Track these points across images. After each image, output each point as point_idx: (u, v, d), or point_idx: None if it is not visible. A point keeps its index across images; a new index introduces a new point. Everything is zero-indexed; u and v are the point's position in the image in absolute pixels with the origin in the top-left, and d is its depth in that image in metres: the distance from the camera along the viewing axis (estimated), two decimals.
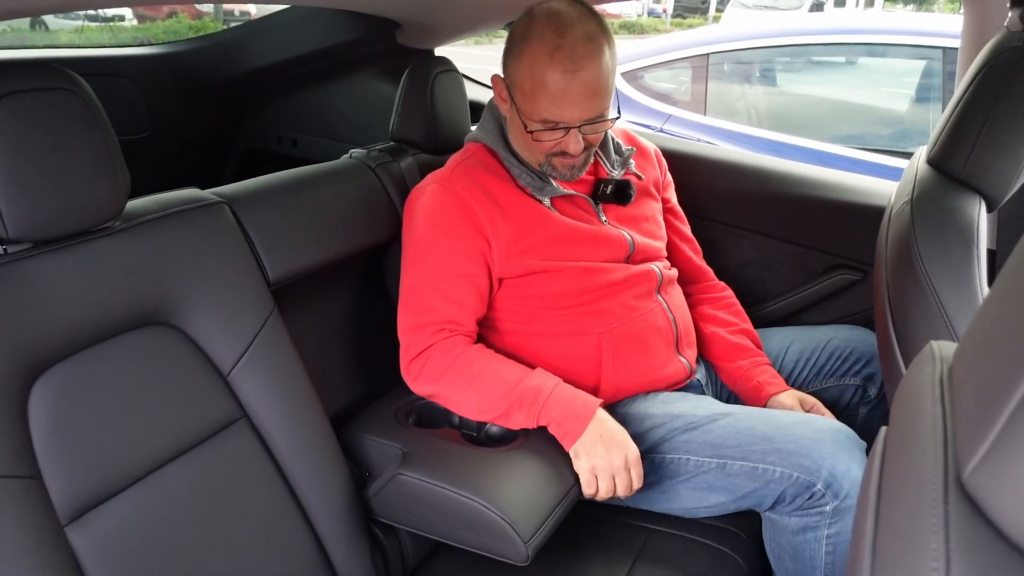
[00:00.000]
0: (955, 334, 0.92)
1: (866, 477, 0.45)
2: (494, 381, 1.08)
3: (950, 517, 0.34)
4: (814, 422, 1.06)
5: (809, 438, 1.02)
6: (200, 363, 0.95)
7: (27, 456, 0.76)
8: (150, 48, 2.13)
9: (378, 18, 1.56)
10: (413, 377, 1.14)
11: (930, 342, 0.48)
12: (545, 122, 1.11)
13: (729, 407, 1.13)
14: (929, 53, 2.80)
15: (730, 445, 1.07)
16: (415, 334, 1.14)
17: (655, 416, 1.15)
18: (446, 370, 1.11)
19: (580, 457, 1.04)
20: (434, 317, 1.13)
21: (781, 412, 1.11)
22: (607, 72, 1.09)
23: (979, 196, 1.05)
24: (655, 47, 3.27)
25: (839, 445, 1.01)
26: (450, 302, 1.14)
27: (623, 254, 1.22)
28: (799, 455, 1.01)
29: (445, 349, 1.12)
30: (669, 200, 1.39)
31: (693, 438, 1.10)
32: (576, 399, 1.07)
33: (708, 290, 1.41)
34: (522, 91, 1.11)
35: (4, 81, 0.75)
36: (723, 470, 1.07)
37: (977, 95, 1.03)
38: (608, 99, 1.12)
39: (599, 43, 1.07)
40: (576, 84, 1.06)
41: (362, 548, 1.06)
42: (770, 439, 1.04)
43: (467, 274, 1.15)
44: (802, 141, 2.77)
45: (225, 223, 1.03)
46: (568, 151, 1.13)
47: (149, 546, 0.84)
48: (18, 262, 0.81)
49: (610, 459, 1.03)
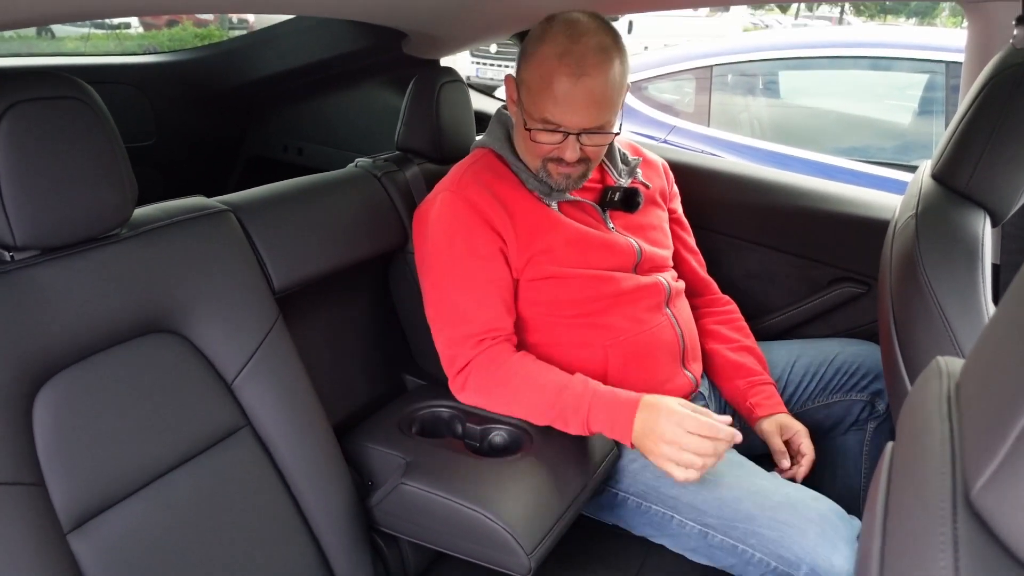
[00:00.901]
0: (960, 349, 0.92)
1: (872, 494, 0.45)
2: (537, 393, 1.08)
3: (959, 535, 0.34)
4: (800, 505, 1.01)
5: (792, 526, 0.99)
6: (204, 371, 0.95)
7: (31, 463, 0.76)
8: (156, 56, 2.13)
9: (385, 28, 1.57)
10: (458, 390, 1.14)
11: (936, 358, 0.48)
12: (545, 122, 1.11)
13: (722, 467, 1.07)
14: (932, 67, 2.81)
15: (714, 515, 1.05)
16: (458, 347, 1.13)
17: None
18: (490, 384, 1.11)
19: (651, 455, 1.01)
20: (474, 328, 1.13)
21: (771, 485, 1.05)
22: (614, 85, 1.09)
23: (983, 211, 1.05)
24: (659, 58, 3.28)
25: (823, 537, 0.97)
26: (486, 308, 1.13)
27: (631, 262, 1.22)
28: (780, 545, 0.99)
29: (487, 361, 1.12)
30: (675, 211, 1.39)
31: (680, 496, 1.09)
32: (615, 404, 1.04)
33: (712, 304, 1.41)
34: (529, 89, 1.12)
35: (12, 89, 0.76)
36: (705, 538, 1.06)
37: (982, 110, 1.03)
38: (611, 113, 1.12)
39: (610, 55, 1.08)
40: (580, 90, 1.07)
41: (364, 557, 1.05)
42: (753, 519, 1.02)
43: (495, 278, 1.14)
44: (805, 153, 2.78)
45: (231, 231, 1.03)
46: (564, 157, 1.13)
47: (151, 554, 0.84)
48: (25, 269, 0.81)
49: (671, 445, 0.98)
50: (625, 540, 1.17)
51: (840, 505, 1.34)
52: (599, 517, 1.20)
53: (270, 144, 2.25)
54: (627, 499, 1.14)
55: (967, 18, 1.34)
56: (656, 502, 1.11)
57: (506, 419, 1.12)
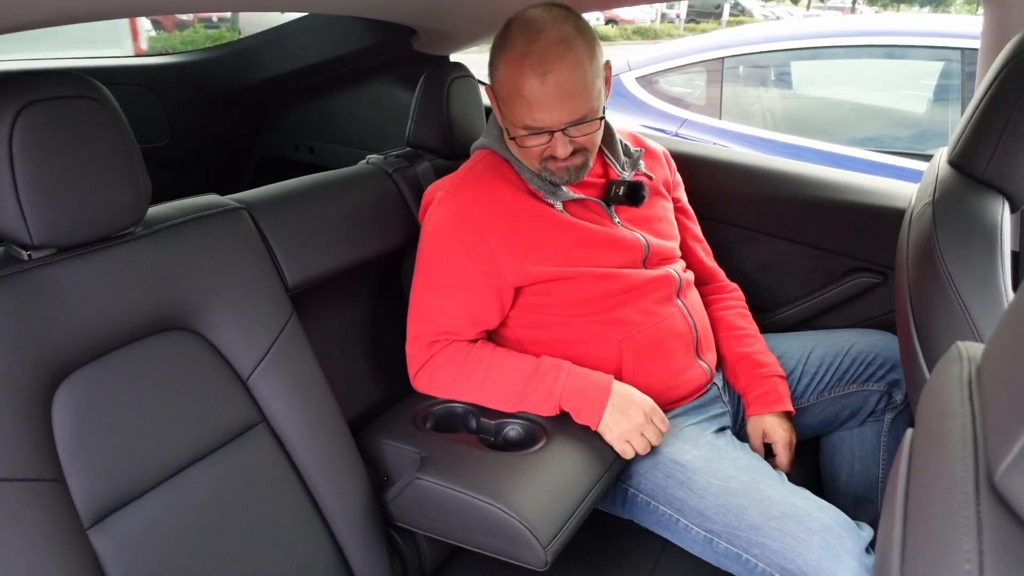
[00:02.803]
0: (979, 336, 0.91)
1: (892, 480, 0.44)
2: (504, 382, 1.12)
3: (982, 518, 0.33)
4: (805, 515, 1.00)
5: (796, 537, 0.98)
6: (220, 368, 0.96)
7: (51, 459, 0.77)
8: (168, 57, 2.15)
9: (394, 25, 1.57)
10: (423, 388, 1.18)
11: (956, 343, 0.47)
12: (526, 127, 1.11)
13: (731, 471, 1.08)
14: (947, 54, 2.77)
15: (719, 522, 1.04)
16: (415, 346, 1.18)
17: (657, 454, 1.13)
18: (454, 379, 1.14)
19: (608, 430, 1.08)
20: (429, 328, 1.16)
21: (777, 494, 1.04)
22: (583, 73, 1.07)
23: (1002, 196, 1.04)
24: (669, 51, 3.26)
25: (827, 548, 0.96)
26: (445, 314, 1.16)
27: (639, 257, 1.21)
28: (783, 556, 0.98)
29: (446, 358, 1.15)
30: (679, 199, 1.39)
31: (686, 499, 1.08)
32: (589, 386, 1.10)
33: (717, 291, 1.41)
34: (502, 99, 1.13)
35: (28, 89, 0.76)
36: (710, 544, 1.06)
37: (999, 94, 1.02)
38: (589, 101, 1.10)
39: (572, 45, 1.06)
40: (549, 87, 1.06)
41: (380, 552, 1.06)
42: (757, 529, 1.01)
43: (468, 287, 1.15)
44: (819, 144, 2.75)
45: (244, 228, 1.04)
46: (556, 155, 1.12)
47: (169, 548, 0.84)
48: (42, 267, 0.82)
49: (631, 420, 1.08)
50: (640, 536, 1.17)
51: (858, 496, 1.34)
52: (614, 512, 1.20)
53: (281, 143, 2.26)
54: (637, 496, 1.14)
55: (983, 3, 1.33)
56: (663, 503, 1.11)
57: (521, 413, 1.12)
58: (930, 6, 14.47)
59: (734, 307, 1.39)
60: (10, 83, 0.76)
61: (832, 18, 6.84)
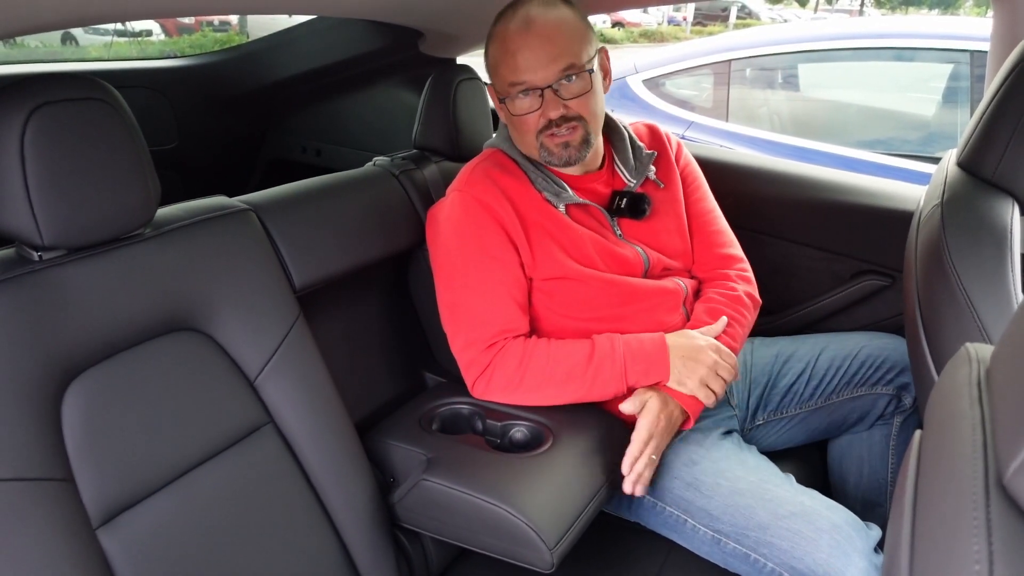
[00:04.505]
0: (988, 338, 0.90)
1: (901, 481, 0.44)
2: (567, 376, 1.10)
3: (992, 519, 0.33)
4: (814, 514, 0.99)
5: (805, 536, 0.97)
6: (227, 368, 0.96)
7: (60, 459, 0.78)
8: (177, 60, 2.16)
9: (401, 28, 1.57)
10: (481, 394, 1.14)
11: (965, 344, 0.47)
12: (513, 86, 1.11)
13: (739, 471, 1.08)
14: (956, 57, 2.76)
15: (727, 523, 1.04)
16: (472, 352, 1.13)
17: (664, 456, 1.11)
18: (516, 381, 1.11)
19: (683, 384, 1.09)
20: (487, 331, 1.12)
21: (786, 494, 1.03)
22: (567, 24, 1.10)
23: (1012, 198, 1.03)
24: (676, 54, 3.25)
25: (836, 548, 0.95)
26: (499, 310, 1.13)
27: (639, 270, 1.20)
28: (792, 556, 0.97)
29: (504, 361, 1.11)
30: (692, 194, 1.32)
31: (694, 500, 1.08)
32: (643, 350, 1.10)
33: (716, 278, 1.30)
34: (493, 69, 1.15)
35: (38, 91, 0.77)
36: (718, 545, 1.05)
37: (1009, 96, 1.01)
38: (572, 52, 1.09)
39: (556, 4, 1.11)
40: (532, 36, 1.08)
41: (387, 554, 1.06)
42: (765, 528, 1.00)
43: (506, 278, 1.14)
44: (827, 147, 2.74)
45: (252, 230, 1.05)
46: (550, 117, 1.11)
47: (178, 548, 0.85)
48: (52, 269, 0.82)
49: (704, 363, 1.09)
50: (646, 538, 1.17)
51: (866, 500, 1.33)
52: (620, 514, 1.20)
53: (289, 146, 2.27)
54: (643, 498, 1.14)
55: (992, 5, 1.32)
56: (670, 504, 1.11)
57: (526, 415, 1.12)
58: (939, 8, 14.41)
59: (720, 284, 1.27)
60: (22, 86, 0.77)
61: (840, 20, 6.82)
